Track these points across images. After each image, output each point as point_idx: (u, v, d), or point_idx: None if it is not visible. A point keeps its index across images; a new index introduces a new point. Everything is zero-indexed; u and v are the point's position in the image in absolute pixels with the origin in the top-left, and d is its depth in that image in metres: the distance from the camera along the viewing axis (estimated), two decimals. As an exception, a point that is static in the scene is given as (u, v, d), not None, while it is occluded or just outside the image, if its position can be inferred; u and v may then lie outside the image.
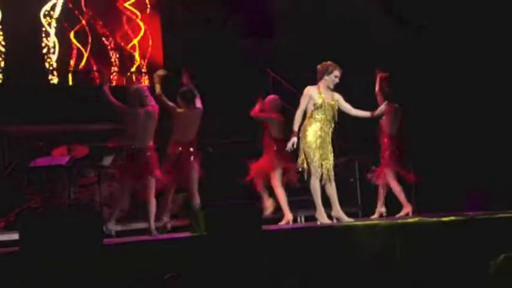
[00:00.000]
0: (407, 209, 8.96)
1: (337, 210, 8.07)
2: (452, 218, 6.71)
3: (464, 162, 9.61)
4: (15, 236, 6.99)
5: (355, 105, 8.29)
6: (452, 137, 9.85)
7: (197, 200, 8.46)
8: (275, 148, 9.01)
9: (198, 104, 8.61)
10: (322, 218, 8.06)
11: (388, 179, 8.98)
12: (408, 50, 10.24)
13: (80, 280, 6.11)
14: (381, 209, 9.05)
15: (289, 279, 6.82)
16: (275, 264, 6.89)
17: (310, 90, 8.03)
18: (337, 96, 8.14)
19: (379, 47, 10.37)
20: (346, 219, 8.01)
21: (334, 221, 8.09)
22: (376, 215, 9.04)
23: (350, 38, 10.86)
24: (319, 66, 8.11)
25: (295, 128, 8.00)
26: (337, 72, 8.03)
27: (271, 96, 9.34)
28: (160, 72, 8.73)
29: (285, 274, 6.84)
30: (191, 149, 8.54)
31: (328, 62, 8.08)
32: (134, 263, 6.48)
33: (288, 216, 9.02)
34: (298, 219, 9.87)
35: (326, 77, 8.02)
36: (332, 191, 8.08)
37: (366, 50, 10.54)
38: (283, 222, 9.00)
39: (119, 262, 6.47)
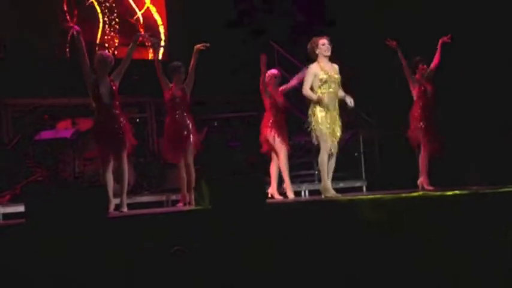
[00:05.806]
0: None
1: (325, 183, 8.07)
2: (456, 192, 6.72)
3: (470, 137, 9.62)
4: (20, 209, 7.04)
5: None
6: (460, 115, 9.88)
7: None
8: (268, 135, 8.94)
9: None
10: (326, 192, 8.07)
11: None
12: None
13: (85, 253, 6.14)
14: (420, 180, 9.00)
15: (293, 252, 6.84)
16: (278, 237, 6.90)
17: (313, 68, 8.02)
18: (337, 68, 8.13)
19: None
20: (333, 194, 8.02)
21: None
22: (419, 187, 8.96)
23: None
24: (308, 47, 8.10)
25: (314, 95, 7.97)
26: (322, 41, 8.04)
27: (271, 72, 9.08)
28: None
29: (288, 247, 6.86)
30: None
31: (312, 39, 8.08)
32: (139, 236, 6.50)
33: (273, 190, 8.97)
34: (302, 193, 9.90)
35: (317, 51, 8.03)
36: (329, 164, 8.06)
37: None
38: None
39: (123, 235, 6.49)
